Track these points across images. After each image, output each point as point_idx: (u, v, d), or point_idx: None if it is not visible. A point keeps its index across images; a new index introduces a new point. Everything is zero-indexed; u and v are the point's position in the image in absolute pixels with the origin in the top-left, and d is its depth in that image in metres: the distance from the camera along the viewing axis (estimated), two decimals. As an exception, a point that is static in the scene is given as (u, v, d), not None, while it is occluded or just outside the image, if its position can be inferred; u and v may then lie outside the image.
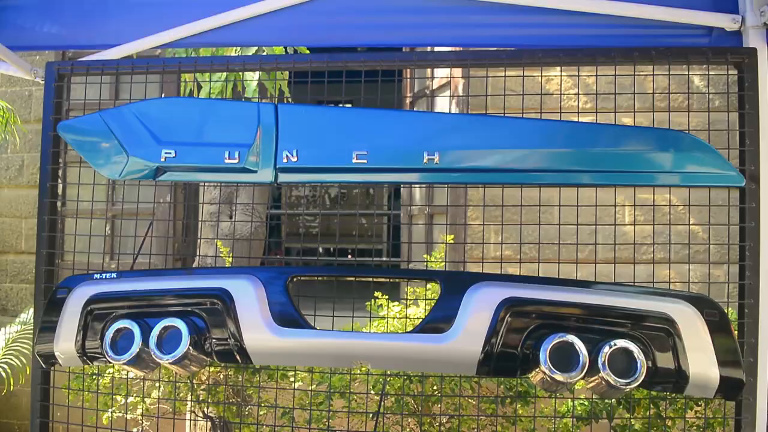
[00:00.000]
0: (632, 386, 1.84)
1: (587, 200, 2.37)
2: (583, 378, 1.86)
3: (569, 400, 2.89)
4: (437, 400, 2.89)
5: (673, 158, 2.04)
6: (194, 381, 3.15)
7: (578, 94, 2.45)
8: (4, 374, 4.55)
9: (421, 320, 2.02)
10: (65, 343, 2.09)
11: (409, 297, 3.08)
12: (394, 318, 3.06)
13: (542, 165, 2.07)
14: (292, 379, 2.97)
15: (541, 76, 3.05)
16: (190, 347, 1.95)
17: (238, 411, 3.18)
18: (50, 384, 2.49)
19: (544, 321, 1.90)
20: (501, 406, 2.92)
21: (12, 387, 4.59)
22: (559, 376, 1.82)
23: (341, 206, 9.91)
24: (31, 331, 3.16)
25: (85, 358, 2.10)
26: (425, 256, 3.38)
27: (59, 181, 2.51)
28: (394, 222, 8.10)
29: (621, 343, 1.83)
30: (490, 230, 3.74)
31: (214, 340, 2.00)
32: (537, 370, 1.87)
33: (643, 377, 1.82)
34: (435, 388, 2.89)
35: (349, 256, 7.11)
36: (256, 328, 1.96)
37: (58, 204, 2.60)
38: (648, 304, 1.91)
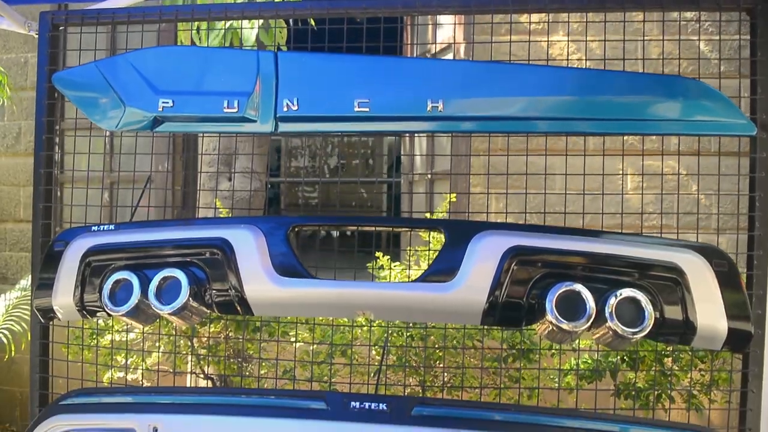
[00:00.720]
0: (639, 336, 1.80)
1: (592, 164, 2.32)
2: (589, 328, 1.83)
3: (572, 357, 2.87)
4: (439, 358, 2.86)
5: (682, 106, 1.98)
6: (194, 342, 3.13)
7: (586, 40, 2.38)
8: (5, 340, 4.54)
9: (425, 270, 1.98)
10: (64, 296, 2.05)
11: (410, 254, 3.04)
12: (396, 277, 3.02)
13: (548, 113, 2.01)
14: (293, 339, 2.94)
15: (548, 41, 2.99)
16: (190, 298, 1.92)
17: (239, 369, 3.16)
18: (49, 339, 2.46)
19: (551, 270, 1.86)
20: (504, 364, 2.89)
21: (13, 353, 4.58)
22: (565, 326, 1.79)
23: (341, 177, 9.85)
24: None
25: (84, 311, 2.06)
26: (426, 214, 3.33)
27: (55, 134, 2.46)
28: (395, 191, 8.06)
29: (628, 292, 1.79)
30: (492, 196, 3.69)
31: (214, 291, 1.97)
32: (543, 319, 1.83)
33: (650, 327, 1.79)
34: (437, 346, 2.86)
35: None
36: (257, 278, 1.92)
37: (56, 171, 2.55)
38: (656, 253, 1.87)
